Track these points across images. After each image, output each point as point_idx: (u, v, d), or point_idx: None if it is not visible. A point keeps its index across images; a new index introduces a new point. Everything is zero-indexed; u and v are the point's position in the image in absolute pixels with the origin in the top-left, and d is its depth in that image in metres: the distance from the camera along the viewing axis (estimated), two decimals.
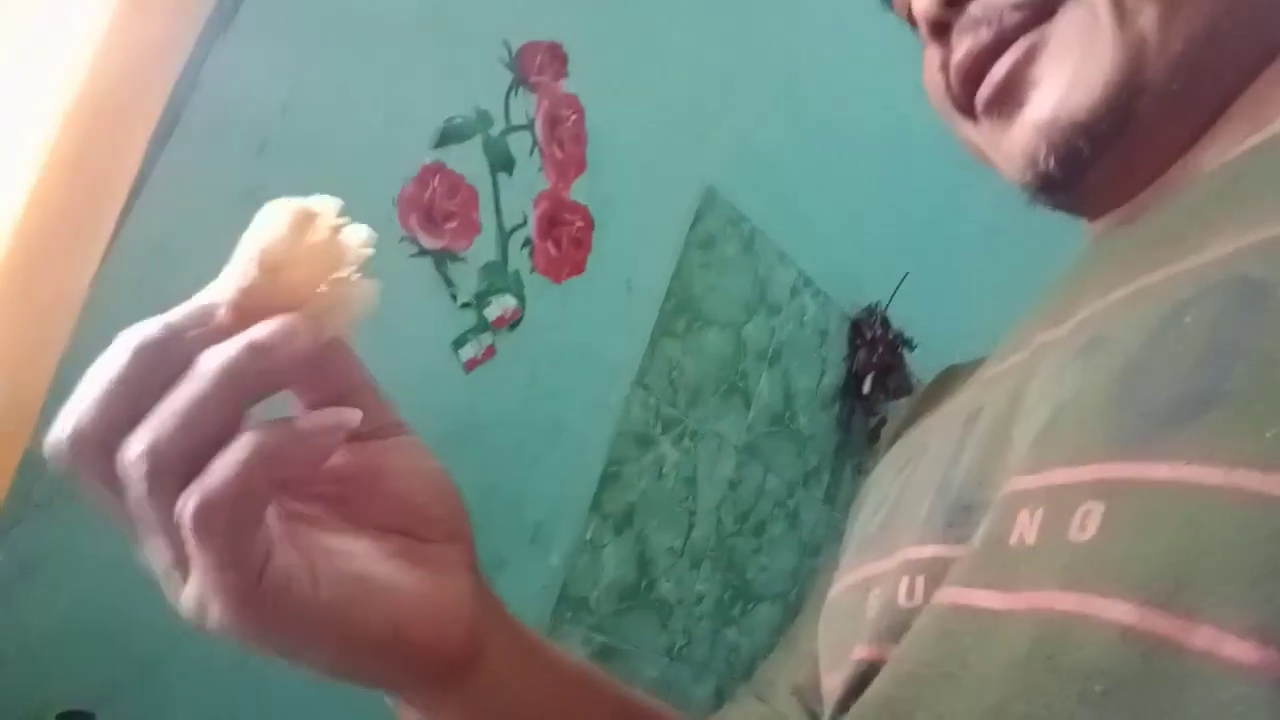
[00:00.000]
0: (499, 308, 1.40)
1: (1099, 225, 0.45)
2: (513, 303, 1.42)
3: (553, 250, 1.46)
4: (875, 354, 2.03)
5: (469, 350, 1.37)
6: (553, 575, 1.54)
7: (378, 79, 1.22)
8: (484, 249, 1.37)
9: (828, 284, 1.98)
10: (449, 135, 1.30)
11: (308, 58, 1.15)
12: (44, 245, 0.88)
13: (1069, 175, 0.40)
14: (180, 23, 0.97)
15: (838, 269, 1.98)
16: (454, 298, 1.34)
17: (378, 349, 0.41)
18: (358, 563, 0.34)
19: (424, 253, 1.29)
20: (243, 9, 1.06)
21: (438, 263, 1.32)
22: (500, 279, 1.40)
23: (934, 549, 0.36)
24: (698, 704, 1.77)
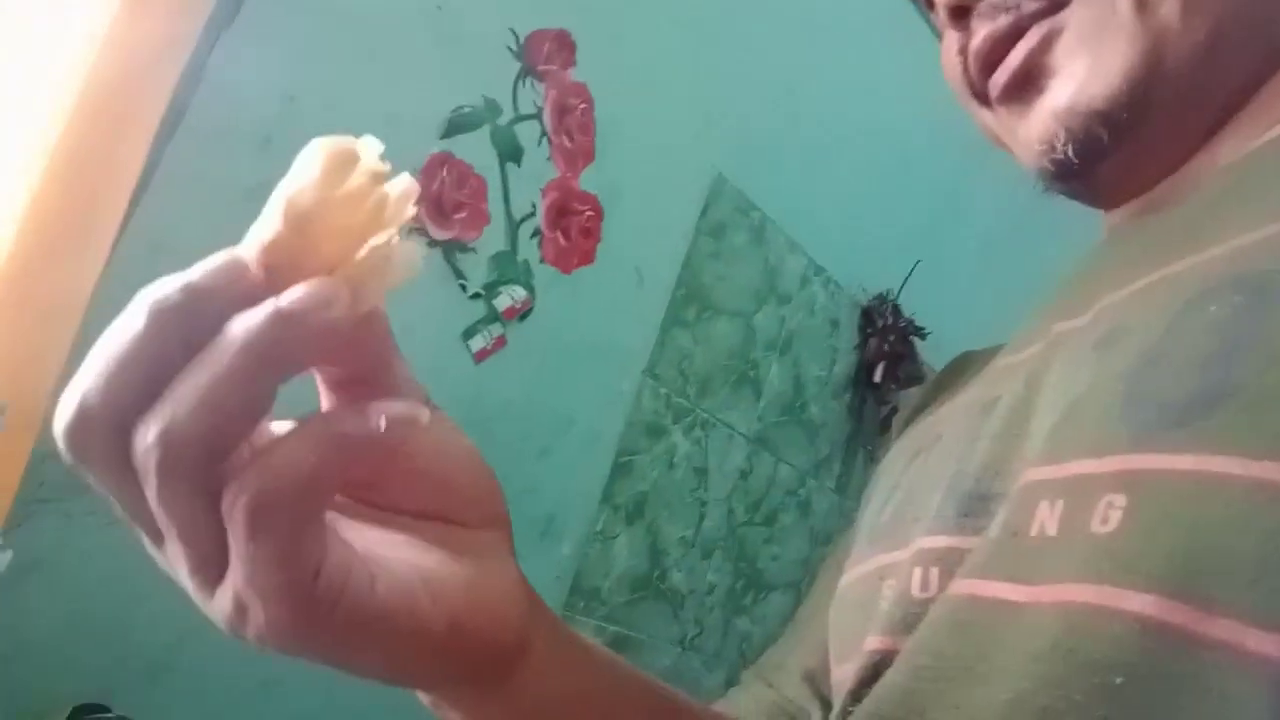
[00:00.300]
0: (509, 298, 1.40)
1: (1117, 216, 0.45)
2: (522, 293, 1.41)
3: (562, 240, 1.46)
4: (886, 342, 2.02)
5: (479, 341, 1.37)
6: (564, 566, 1.54)
7: (384, 70, 1.21)
8: (493, 239, 1.37)
9: (838, 272, 1.97)
10: (457, 125, 1.30)
11: (312, 50, 1.15)
12: (48, 244, 0.88)
13: (1086, 163, 0.40)
14: (182, 22, 0.96)
15: (848, 257, 1.97)
16: (463, 288, 1.34)
17: None
18: (407, 555, 0.31)
19: (433, 243, 1.29)
20: (247, 2, 1.05)
21: (447, 253, 1.32)
22: (510, 269, 1.40)
23: (948, 540, 0.36)
24: (710, 693, 1.77)
